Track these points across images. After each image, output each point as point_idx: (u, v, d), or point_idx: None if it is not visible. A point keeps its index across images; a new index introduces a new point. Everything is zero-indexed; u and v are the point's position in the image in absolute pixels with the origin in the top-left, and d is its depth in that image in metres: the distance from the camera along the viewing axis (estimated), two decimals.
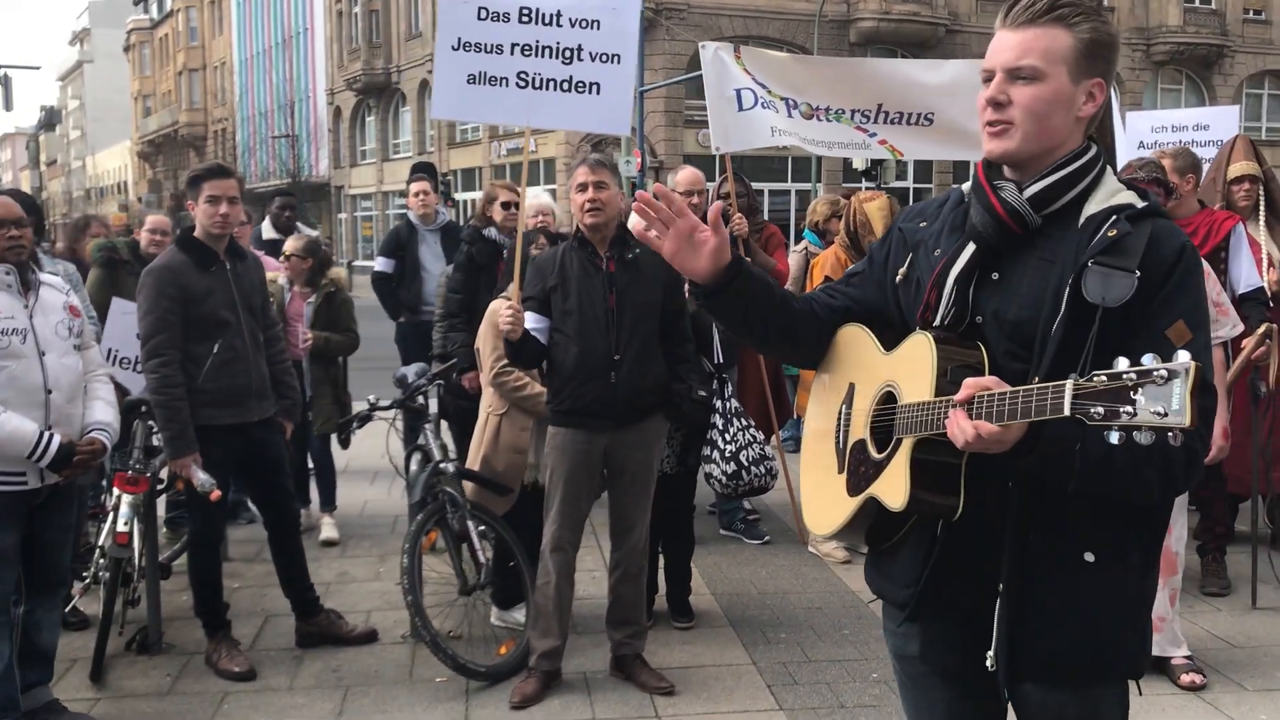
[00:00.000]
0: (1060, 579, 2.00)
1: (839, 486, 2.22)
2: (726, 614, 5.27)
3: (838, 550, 6.09)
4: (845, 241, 6.11)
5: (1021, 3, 2.01)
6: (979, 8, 35.98)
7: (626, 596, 4.49)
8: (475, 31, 4.74)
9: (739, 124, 6.40)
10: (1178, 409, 1.56)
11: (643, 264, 4.34)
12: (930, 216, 2.25)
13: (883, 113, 6.59)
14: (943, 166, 34.84)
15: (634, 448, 4.35)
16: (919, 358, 2.02)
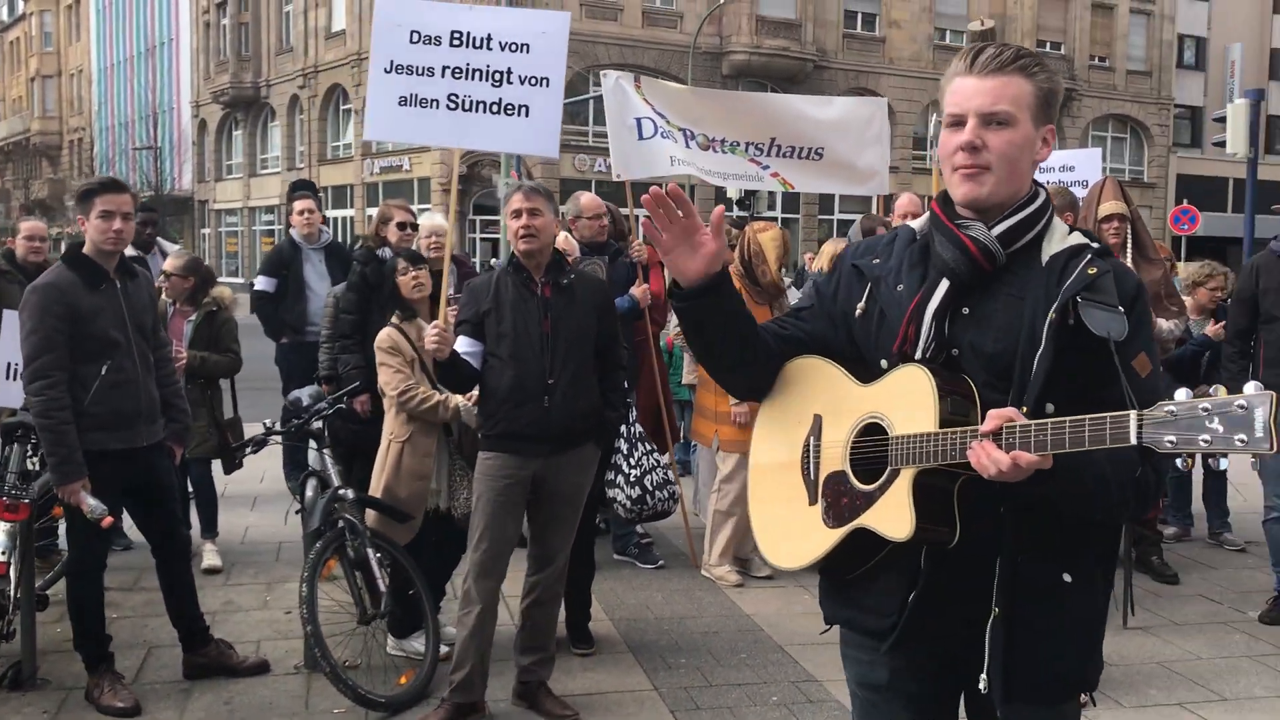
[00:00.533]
0: (1045, 600, 2.09)
1: (813, 519, 2.22)
2: (626, 640, 5.27)
3: (731, 574, 6.17)
4: (740, 270, 6.21)
5: (989, 53, 2.10)
6: (845, 45, 37.14)
7: (539, 622, 4.46)
8: (407, 54, 4.75)
9: (639, 152, 6.48)
10: (1261, 436, 1.66)
11: (577, 289, 4.36)
12: (883, 253, 2.29)
13: (775, 146, 6.75)
14: (809, 199, 35.78)
15: (566, 474, 4.34)
16: (915, 390, 2.05)
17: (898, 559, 2.12)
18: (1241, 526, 7.35)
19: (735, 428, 6.11)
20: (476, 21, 4.82)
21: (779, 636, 5.34)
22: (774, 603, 5.87)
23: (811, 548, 2.20)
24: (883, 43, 37.97)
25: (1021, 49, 2.14)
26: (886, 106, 7.20)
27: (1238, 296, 5.86)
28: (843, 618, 2.31)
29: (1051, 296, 2.05)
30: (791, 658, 5.07)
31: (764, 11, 34.72)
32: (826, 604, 2.35)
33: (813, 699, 4.61)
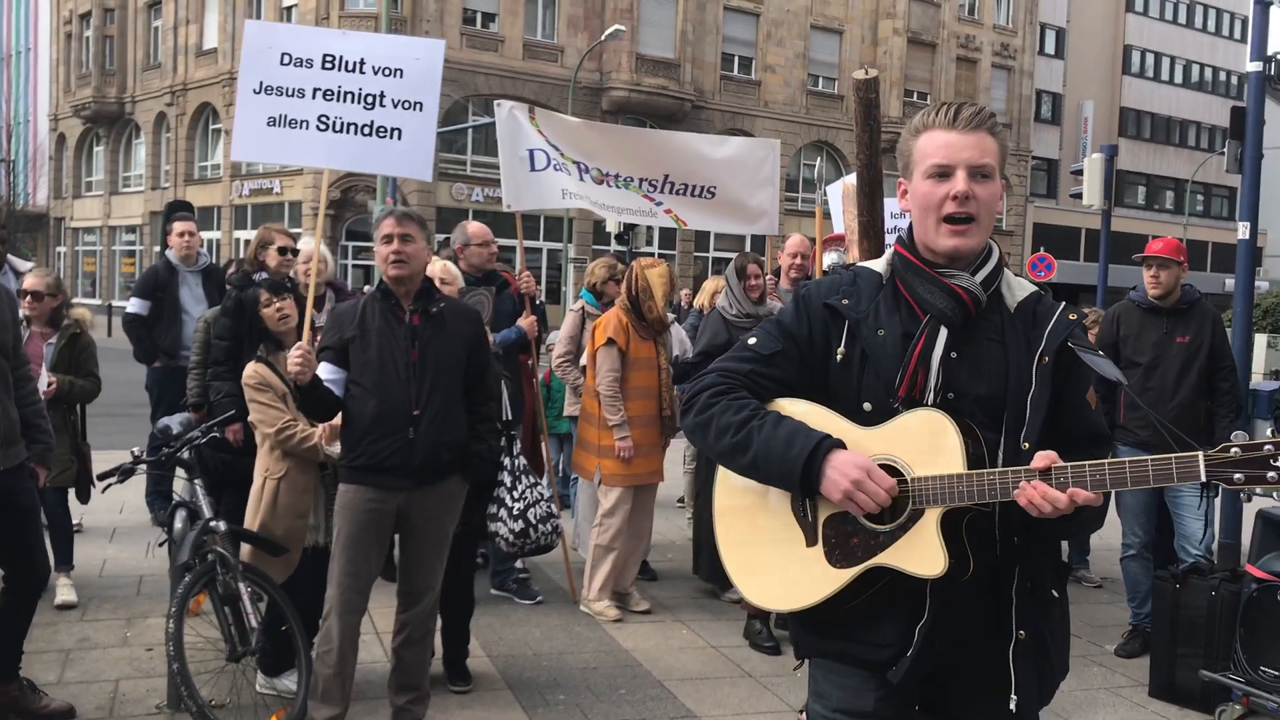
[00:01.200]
0: (1047, 617, 2.30)
1: (814, 559, 2.25)
2: (504, 676, 5.19)
3: (610, 609, 6.14)
4: (626, 305, 6.24)
5: (970, 110, 2.24)
6: (722, 87, 37.81)
7: (411, 661, 4.36)
8: (278, 76, 4.70)
9: (531, 184, 6.46)
10: None
11: (448, 318, 4.28)
12: (850, 295, 2.34)
13: (669, 183, 6.80)
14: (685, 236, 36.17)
15: (430, 509, 4.25)
16: (936, 432, 2.16)
17: (898, 595, 2.20)
18: (1098, 563, 7.66)
19: (618, 462, 6.12)
20: (349, 46, 4.82)
21: (658, 672, 5.34)
22: (653, 638, 5.87)
23: (816, 588, 2.24)
24: (758, 86, 38.80)
25: (989, 110, 2.29)
26: (778, 149, 7.33)
27: (1099, 344, 6.13)
28: (833, 650, 2.34)
29: (1032, 340, 2.24)
30: (670, 693, 5.06)
31: (644, 50, 35.14)
32: (805, 638, 2.39)
33: None
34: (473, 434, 4.36)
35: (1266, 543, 4.91)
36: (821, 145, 39.53)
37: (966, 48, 43.07)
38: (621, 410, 6.09)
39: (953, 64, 42.56)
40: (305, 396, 4.11)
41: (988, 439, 2.18)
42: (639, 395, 6.16)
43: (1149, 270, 5.84)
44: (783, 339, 2.36)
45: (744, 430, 2.26)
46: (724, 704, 4.98)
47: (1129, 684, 5.49)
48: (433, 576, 4.34)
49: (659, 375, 6.22)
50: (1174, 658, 5.23)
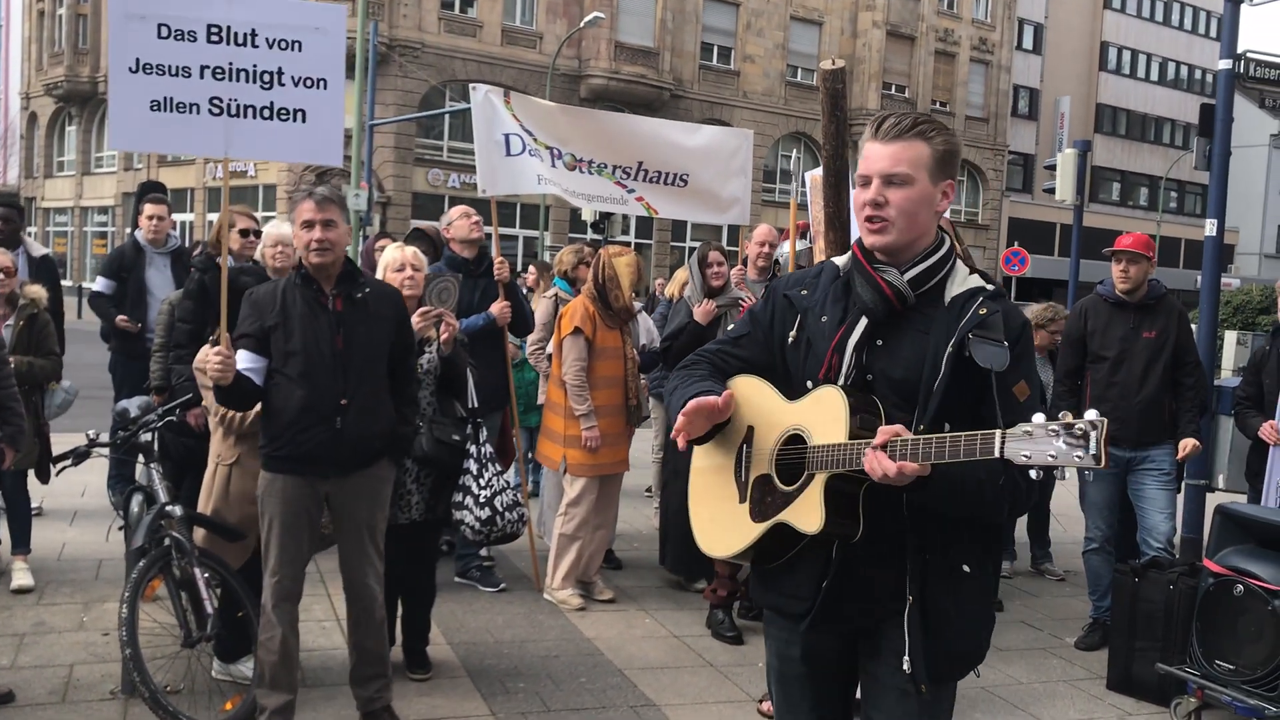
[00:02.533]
0: (950, 587, 2.44)
1: (742, 515, 2.56)
2: (464, 664, 5.17)
3: (573, 598, 6.13)
4: (593, 293, 6.21)
5: (890, 121, 2.45)
6: (701, 76, 37.78)
7: (368, 649, 4.33)
8: (157, 52, 4.20)
9: (506, 169, 6.40)
10: (1095, 453, 2.00)
11: (371, 302, 4.19)
12: (810, 286, 2.63)
13: (642, 170, 6.75)
14: (662, 225, 36.18)
15: (358, 495, 4.19)
16: (831, 407, 2.39)
17: (814, 552, 2.46)
18: (1061, 557, 7.71)
19: (584, 452, 6.09)
20: (235, 14, 4.29)
21: (619, 660, 5.33)
22: (616, 626, 5.86)
23: (738, 539, 2.55)
24: (737, 76, 38.77)
25: (921, 116, 2.47)
26: (751, 139, 7.31)
27: (1067, 338, 6.14)
28: (768, 602, 2.65)
29: (951, 332, 2.40)
30: (631, 682, 5.06)
31: (623, 38, 35.05)
32: (755, 591, 2.71)
33: None
34: (399, 416, 4.30)
35: (1224, 538, 4.94)
36: (799, 136, 39.53)
37: (945, 41, 43.16)
38: (588, 400, 6.06)
39: (931, 57, 42.66)
40: (223, 392, 4.01)
41: (899, 419, 2.33)
42: (605, 385, 6.14)
43: (1118, 265, 5.85)
44: (750, 324, 2.71)
45: (674, 395, 2.62)
46: (684, 693, 4.98)
47: (1087, 676, 5.53)
48: (369, 562, 4.28)
49: (625, 364, 6.20)
50: (1132, 651, 5.27)
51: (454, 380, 4.91)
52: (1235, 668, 4.71)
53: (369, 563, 4.28)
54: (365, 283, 4.24)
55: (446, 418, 4.88)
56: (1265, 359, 6.12)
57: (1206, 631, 4.85)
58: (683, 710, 4.78)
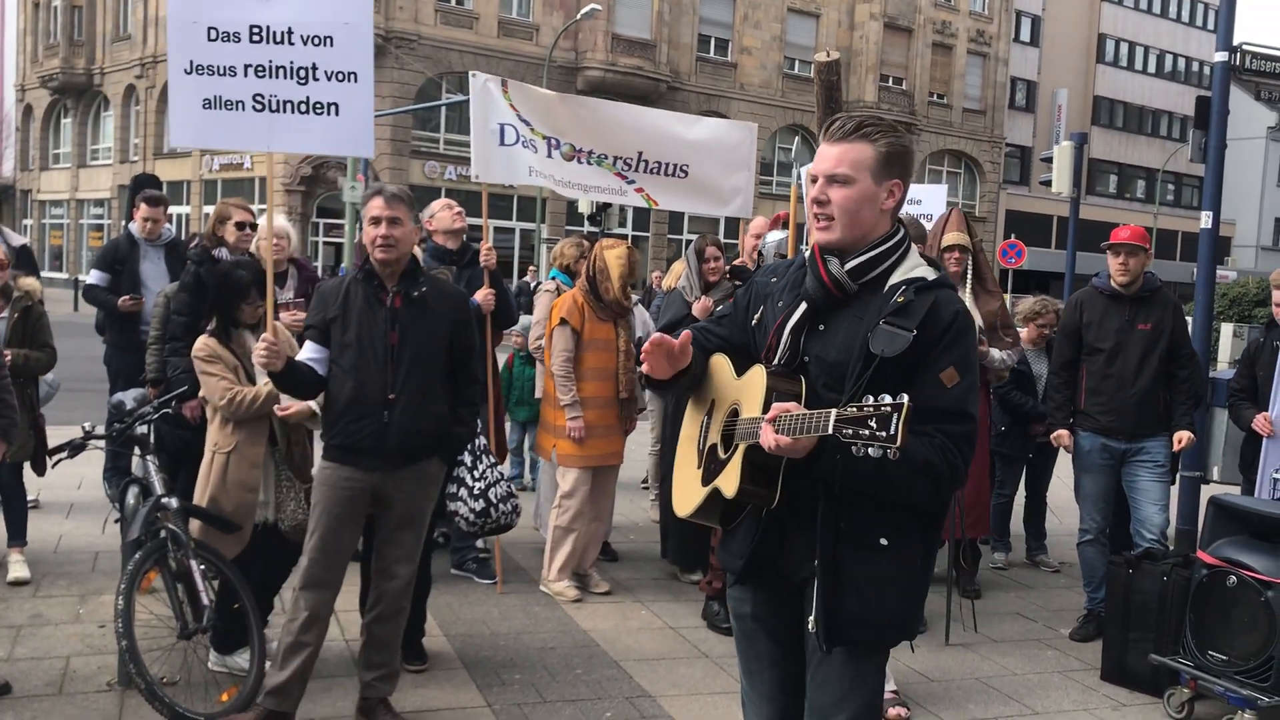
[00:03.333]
0: (863, 557, 2.56)
1: (696, 479, 2.80)
2: (460, 655, 5.19)
3: (569, 590, 6.14)
4: (585, 286, 6.22)
5: (839, 122, 2.58)
6: (698, 68, 37.76)
7: (382, 638, 4.34)
8: (207, 54, 4.46)
9: (500, 158, 6.38)
10: (893, 434, 2.13)
11: (431, 301, 4.25)
12: (780, 274, 2.81)
13: (643, 161, 6.73)
14: (659, 217, 36.18)
15: (405, 490, 4.23)
16: (756, 384, 2.58)
17: (752, 516, 2.67)
18: (1057, 548, 7.73)
19: (571, 443, 6.11)
20: (274, 15, 4.52)
21: (615, 652, 5.34)
22: (611, 618, 5.87)
23: (691, 500, 2.80)
24: (734, 68, 38.76)
25: (867, 118, 2.58)
26: (755, 131, 7.29)
27: (1063, 330, 6.15)
28: (721, 561, 2.87)
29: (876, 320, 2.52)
30: (626, 673, 5.07)
31: (620, 30, 35.03)
32: (718, 550, 2.89)
33: (646, 715, 4.62)
34: (455, 416, 4.34)
35: (1218, 529, 4.95)
36: (797, 129, 39.54)
37: (942, 34, 43.15)
38: (573, 390, 6.08)
39: (929, 50, 42.65)
40: (283, 380, 4.10)
41: (830, 400, 2.46)
42: (595, 377, 6.15)
43: (1117, 258, 5.85)
44: (732, 306, 2.91)
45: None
46: (679, 684, 5.00)
47: (1082, 667, 5.55)
48: (408, 555, 4.33)
49: (617, 357, 6.20)
50: (1126, 642, 5.28)
51: None
52: (1228, 658, 4.73)
53: (407, 555, 4.33)
54: (426, 281, 4.29)
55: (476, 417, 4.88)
56: (1259, 351, 6.14)
57: (1200, 622, 4.87)
58: (677, 700, 4.80)
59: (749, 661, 2.89)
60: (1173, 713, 4.94)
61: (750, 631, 2.85)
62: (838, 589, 2.54)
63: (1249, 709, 4.62)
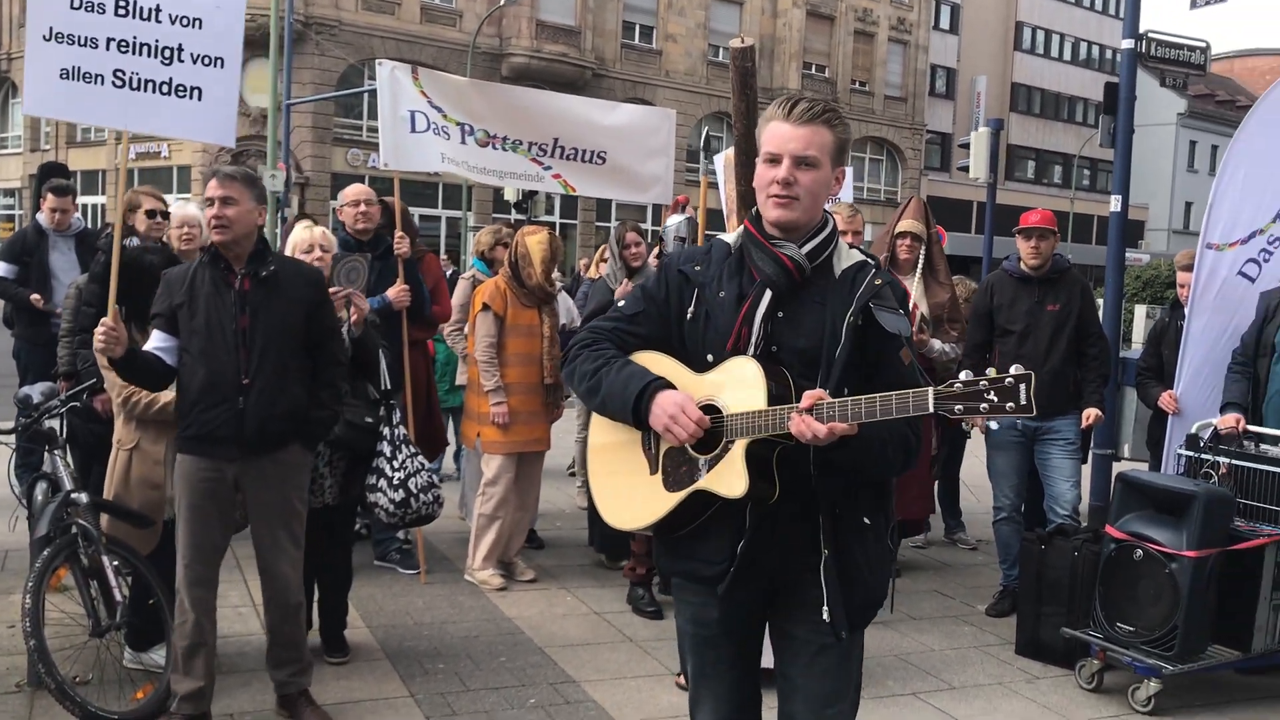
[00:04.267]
0: (856, 540, 2.60)
1: (655, 486, 2.64)
2: (383, 646, 5.15)
3: (494, 578, 6.13)
4: (507, 272, 6.20)
5: (803, 105, 2.58)
6: (623, 55, 37.70)
7: (285, 635, 4.28)
8: (68, 21, 4.27)
9: (411, 145, 6.32)
10: (1025, 403, 2.22)
11: (283, 282, 4.13)
12: (703, 262, 2.73)
13: (559, 147, 6.71)
14: (586, 205, 36.10)
15: (267, 479, 4.13)
16: (747, 377, 2.50)
17: (725, 516, 2.56)
18: (974, 526, 7.89)
19: (496, 429, 6.09)
20: None
21: (539, 639, 5.35)
22: (537, 605, 5.88)
23: (654, 509, 2.63)
24: (660, 55, 38.76)
25: (828, 104, 2.62)
26: (674, 118, 7.30)
27: (974, 312, 6.26)
28: (679, 570, 2.74)
29: (848, 303, 2.55)
30: (551, 660, 5.08)
31: (544, 16, 34.83)
32: (663, 561, 2.80)
33: (570, 700, 4.64)
34: (313, 400, 4.23)
35: (1126, 504, 5.09)
36: (722, 116, 39.63)
37: (864, 22, 43.55)
38: (496, 376, 6.06)
39: (850, 37, 43.04)
40: (123, 369, 3.98)
41: (804, 386, 2.46)
42: (518, 362, 6.14)
43: (1028, 242, 5.96)
44: (645, 301, 2.77)
45: (596, 376, 2.66)
46: (604, 669, 5.02)
47: (997, 642, 5.68)
48: (284, 549, 4.22)
49: (542, 343, 6.19)
50: (1039, 616, 5.42)
51: (366, 362, 4.87)
52: (1135, 629, 4.88)
53: (282, 548, 4.22)
54: (276, 262, 4.18)
55: (358, 400, 4.83)
56: (1165, 331, 6.32)
57: (1108, 595, 5.01)
58: (602, 685, 4.82)
59: (705, 666, 2.80)
60: (1083, 683, 5.08)
61: (712, 637, 2.76)
62: (848, 574, 2.56)
63: (1154, 677, 4.77)
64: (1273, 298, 5.33)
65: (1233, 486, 5.06)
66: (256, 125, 29.81)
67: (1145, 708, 4.78)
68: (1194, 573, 4.72)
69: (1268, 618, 5.00)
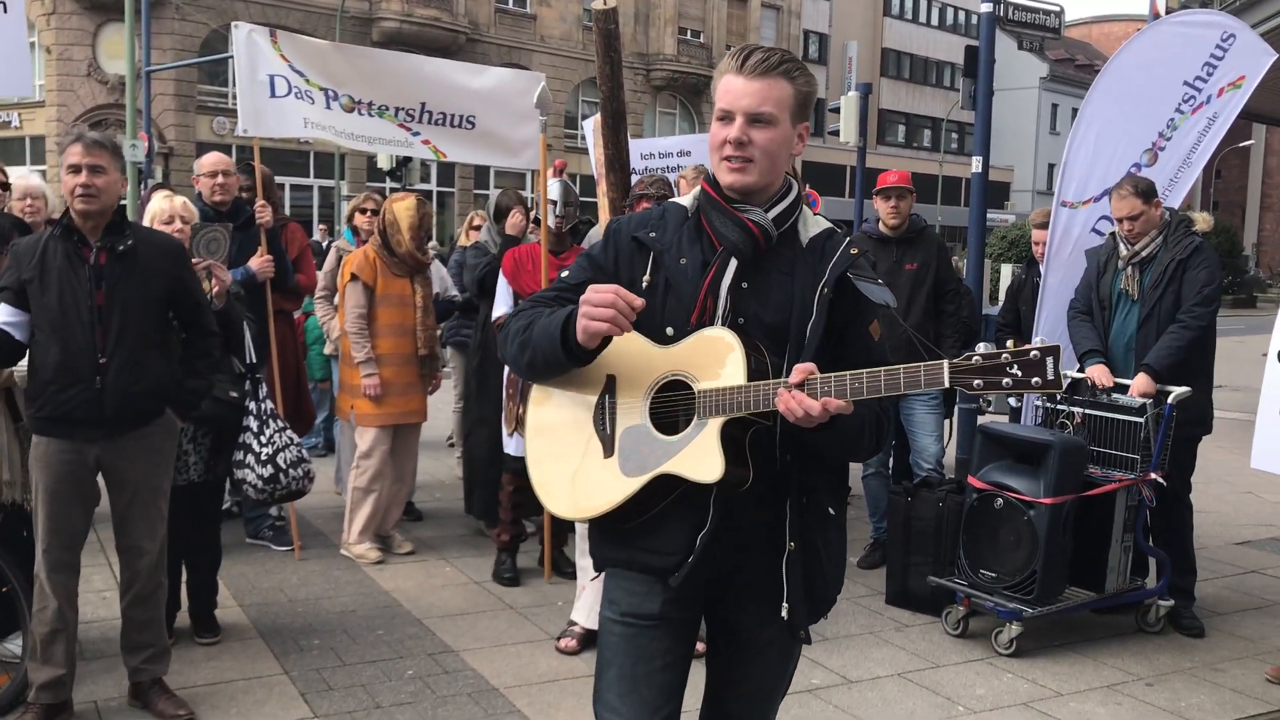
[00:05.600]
0: (822, 531, 2.42)
1: (610, 470, 2.37)
2: (256, 625, 5.06)
3: (371, 551, 6.07)
4: (377, 241, 6.10)
5: (757, 56, 2.32)
6: (497, 19, 37.18)
7: (139, 619, 4.13)
8: None
9: (272, 110, 6.14)
10: (1052, 378, 2.02)
11: (141, 255, 3.94)
12: (658, 228, 2.46)
13: (426, 112, 6.59)
14: (464, 172, 35.64)
15: (131, 458, 3.97)
16: (721, 350, 2.27)
17: (684, 505, 2.33)
18: None
19: (369, 401, 6.00)
20: None
21: (417, 611, 5.31)
22: (415, 577, 5.83)
23: (610, 495, 2.36)
24: (534, 20, 38.35)
25: (786, 53, 2.36)
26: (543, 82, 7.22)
27: None
28: (621, 559, 2.46)
29: (818, 273, 2.34)
30: (429, 630, 5.06)
31: None
32: (600, 550, 2.50)
33: (448, 669, 4.62)
34: (188, 369, 4.11)
35: (985, 455, 5.28)
36: None
37: None
38: (367, 347, 5.97)
39: (725, 3, 43.17)
40: None
41: (772, 362, 2.28)
42: (390, 333, 6.04)
43: (888, 202, 6.08)
44: (591, 269, 2.49)
45: (528, 329, 2.39)
46: (483, 637, 5.01)
47: (868, 593, 5.84)
48: (151, 529, 4.08)
49: (415, 313, 6.11)
50: (907, 566, 5.59)
51: (230, 335, 4.72)
52: (997, 575, 5.07)
53: (145, 525, 4.07)
54: (133, 234, 3.99)
55: (223, 374, 4.69)
56: (1022, 287, 6.54)
57: (971, 544, 5.20)
58: (480, 654, 4.81)
59: (634, 665, 2.45)
60: (950, 629, 5.27)
61: (648, 630, 2.45)
62: (811, 567, 2.38)
63: (1016, 620, 4.97)
64: (1102, 253, 5.53)
65: (1086, 435, 5.27)
66: (115, 93, 28.66)
67: (1007, 650, 4.98)
68: (1050, 519, 4.93)
69: (1119, 559, 5.26)
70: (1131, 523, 5.24)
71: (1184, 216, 5.49)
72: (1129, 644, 5.21)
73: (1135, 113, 6.22)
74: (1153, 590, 5.38)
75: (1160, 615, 5.35)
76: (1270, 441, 4.66)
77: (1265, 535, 7.36)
